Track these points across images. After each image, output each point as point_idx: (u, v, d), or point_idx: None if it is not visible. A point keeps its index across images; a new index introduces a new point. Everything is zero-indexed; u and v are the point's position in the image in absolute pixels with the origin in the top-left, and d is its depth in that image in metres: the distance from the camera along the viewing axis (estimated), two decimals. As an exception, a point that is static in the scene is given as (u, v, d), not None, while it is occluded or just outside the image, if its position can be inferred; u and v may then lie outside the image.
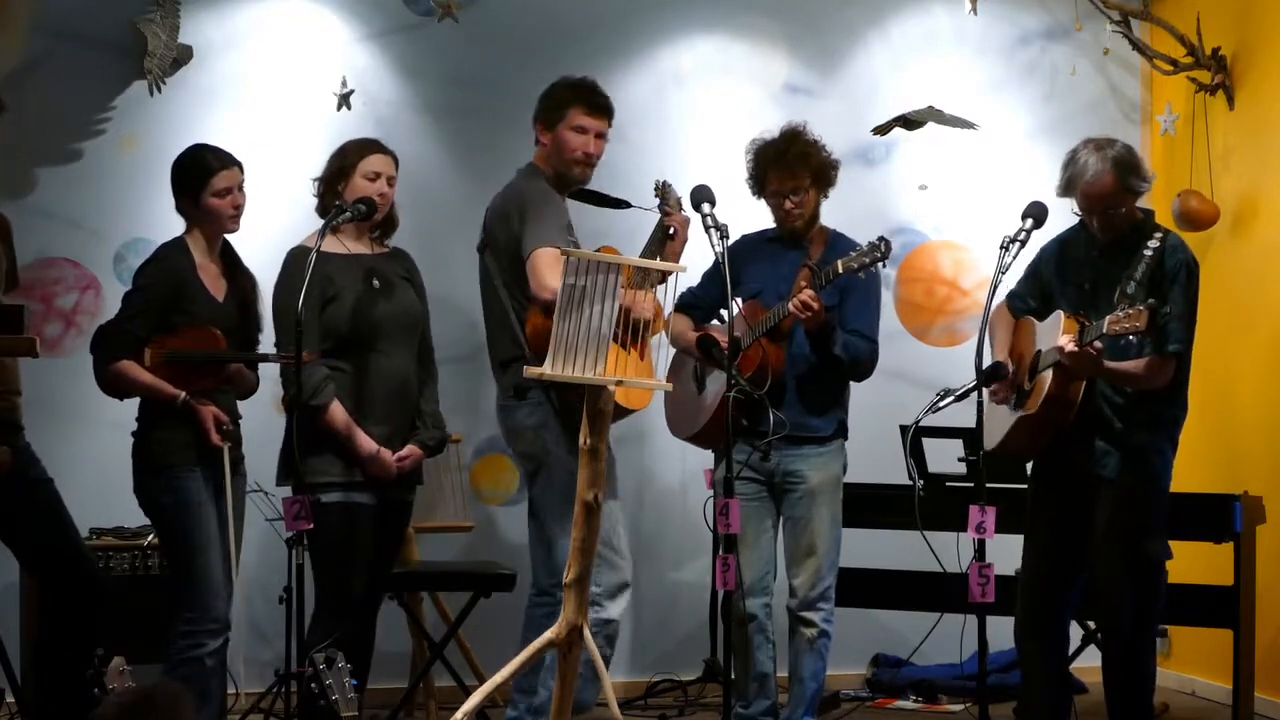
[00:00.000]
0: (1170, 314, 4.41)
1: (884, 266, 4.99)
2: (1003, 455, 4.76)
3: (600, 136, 4.98)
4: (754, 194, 5.25)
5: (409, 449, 4.85)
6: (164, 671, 4.60)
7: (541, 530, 4.88)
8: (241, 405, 4.90)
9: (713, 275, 5.13)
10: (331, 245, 4.78)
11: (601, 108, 4.99)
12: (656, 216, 5.05)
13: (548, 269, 4.57)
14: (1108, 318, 4.31)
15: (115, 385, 4.70)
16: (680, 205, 4.90)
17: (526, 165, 5.03)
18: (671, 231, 4.97)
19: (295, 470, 4.58)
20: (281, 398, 4.86)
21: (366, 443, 4.75)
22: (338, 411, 4.73)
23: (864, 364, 5.14)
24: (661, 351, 5.12)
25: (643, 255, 4.97)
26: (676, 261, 5.03)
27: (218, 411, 4.64)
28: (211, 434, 4.62)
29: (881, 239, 4.91)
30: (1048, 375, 4.54)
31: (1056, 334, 4.51)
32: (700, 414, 5.24)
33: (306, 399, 4.64)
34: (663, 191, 5.04)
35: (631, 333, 4.21)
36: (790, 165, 5.11)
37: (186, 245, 4.77)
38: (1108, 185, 4.55)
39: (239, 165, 4.77)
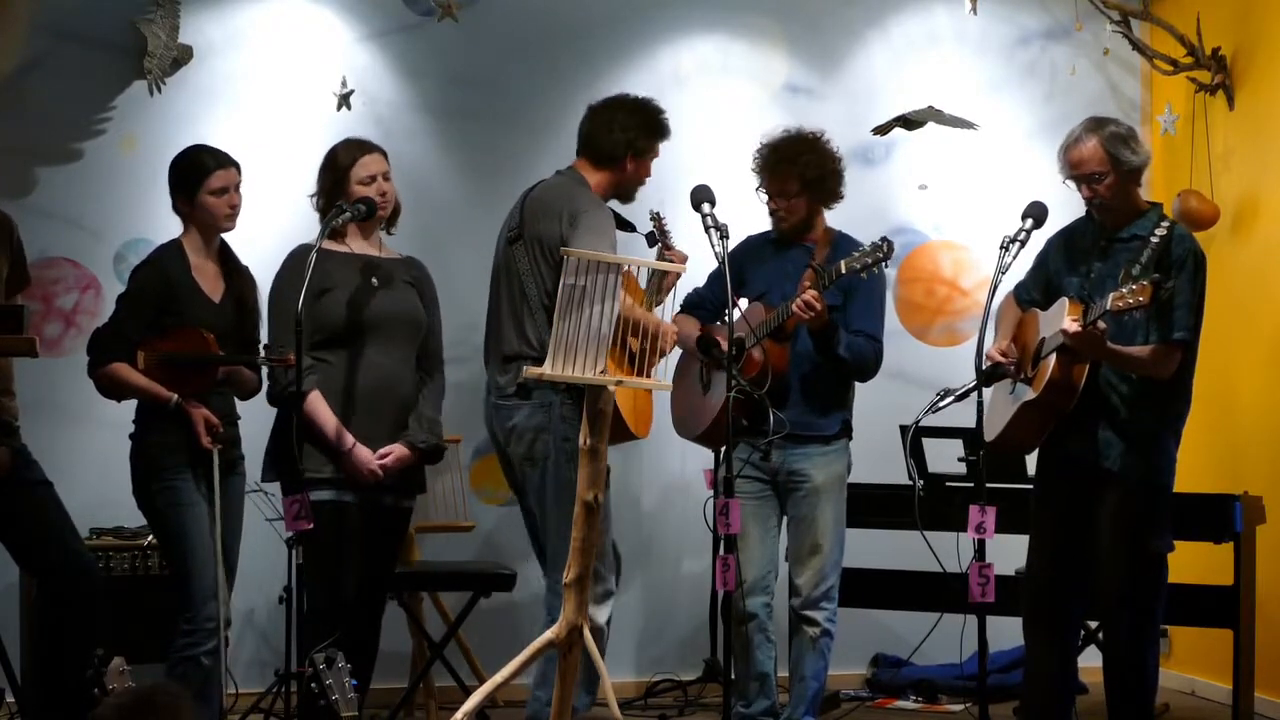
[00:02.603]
0: (1175, 294, 4.40)
1: (886, 267, 4.99)
2: (1004, 446, 4.76)
3: None
4: (757, 191, 5.26)
5: (393, 448, 4.78)
6: (165, 671, 4.61)
7: (544, 535, 4.79)
8: (240, 405, 4.90)
9: (718, 275, 5.13)
10: (335, 246, 4.78)
11: (668, 138, 5.03)
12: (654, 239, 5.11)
13: None
14: (1111, 295, 4.32)
15: (109, 388, 4.70)
16: (703, 224, 4.84)
17: (569, 169, 4.93)
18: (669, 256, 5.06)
19: (284, 468, 4.58)
20: (267, 390, 4.86)
21: (345, 437, 4.71)
22: (315, 402, 4.70)
23: (868, 364, 5.14)
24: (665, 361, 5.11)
25: (646, 290, 5.00)
26: (669, 295, 5.06)
27: (208, 414, 4.63)
28: (202, 436, 4.61)
29: (884, 239, 4.91)
30: (1050, 360, 4.55)
31: (1061, 320, 4.51)
32: (705, 414, 5.24)
33: (284, 386, 4.66)
34: (658, 222, 5.11)
35: (644, 355, 4.20)
36: (777, 171, 5.12)
37: (182, 247, 4.77)
38: (1090, 149, 4.57)
39: (236, 166, 4.77)
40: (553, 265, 4.67)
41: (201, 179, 4.71)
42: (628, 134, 4.88)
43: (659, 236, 5.26)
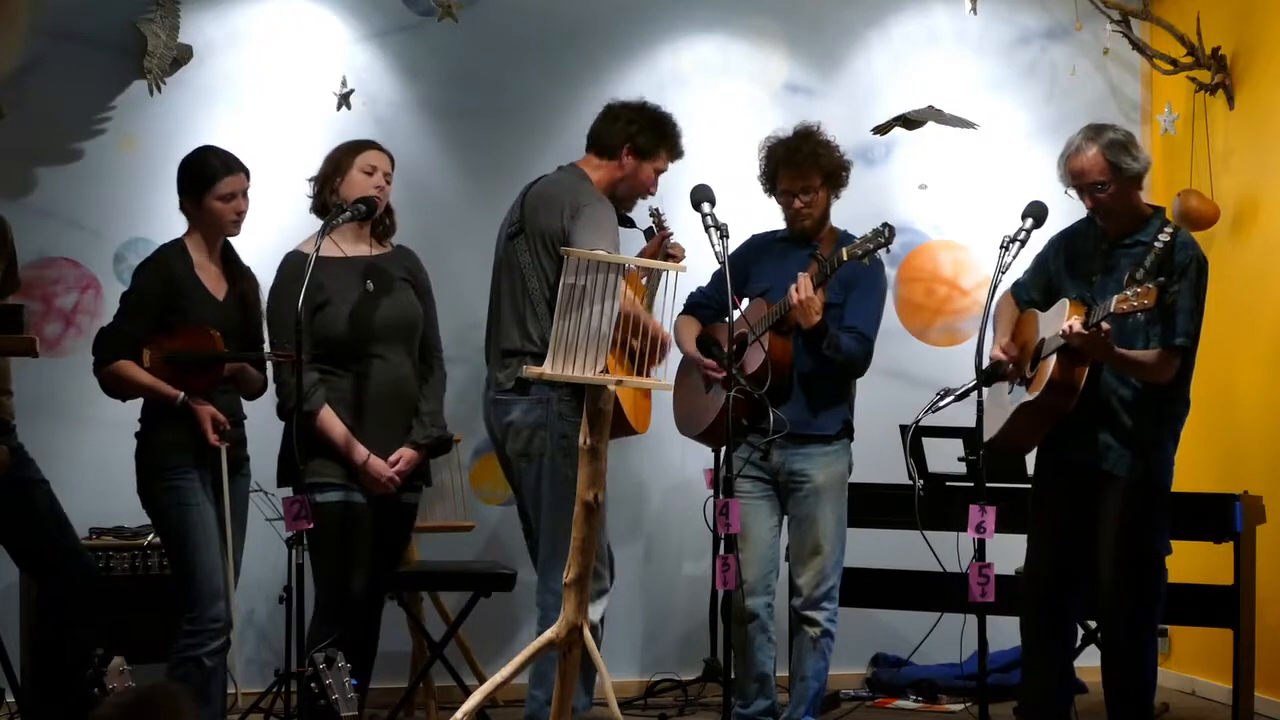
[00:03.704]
0: (1177, 299, 4.40)
1: (887, 252, 4.98)
2: (1003, 445, 4.76)
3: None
4: (765, 192, 5.25)
5: (400, 452, 4.79)
6: (166, 671, 4.61)
7: (537, 530, 4.80)
8: (245, 406, 4.90)
9: (721, 275, 5.13)
10: (328, 249, 4.74)
11: (680, 155, 5.02)
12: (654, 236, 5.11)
13: None
14: (1115, 297, 4.32)
15: (114, 386, 4.70)
16: (703, 224, 4.83)
17: (570, 166, 4.94)
18: (670, 252, 5.07)
19: (293, 470, 4.58)
20: (277, 406, 4.85)
21: (356, 449, 4.73)
22: (328, 417, 4.72)
23: (855, 362, 5.12)
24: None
25: (646, 287, 5.00)
26: (671, 297, 5.05)
27: (215, 412, 4.63)
28: (209, 434, 4.61)
29: (885, 225, 4.91)
30: (1051, 361, 4.55)
31: (1061, 322, 4.51)
32: (706, 413, 5.24)
33: (292, 405, 4.65)
34: (658, 218, 5.11)
35: (644, 356, 4.20)
36: (800, 165, 5.10)
37: (185, 246, 4.77)
38: (1091, 158, 4.57)
39: (245, 172, 4.76)
40: (554, 259, 4.67)
41: (210, 183, 4.70)
42: (630, 127, 4.89)
43: (657, 231, 5.26)
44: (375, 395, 4.79)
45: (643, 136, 4.89)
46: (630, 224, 5.04)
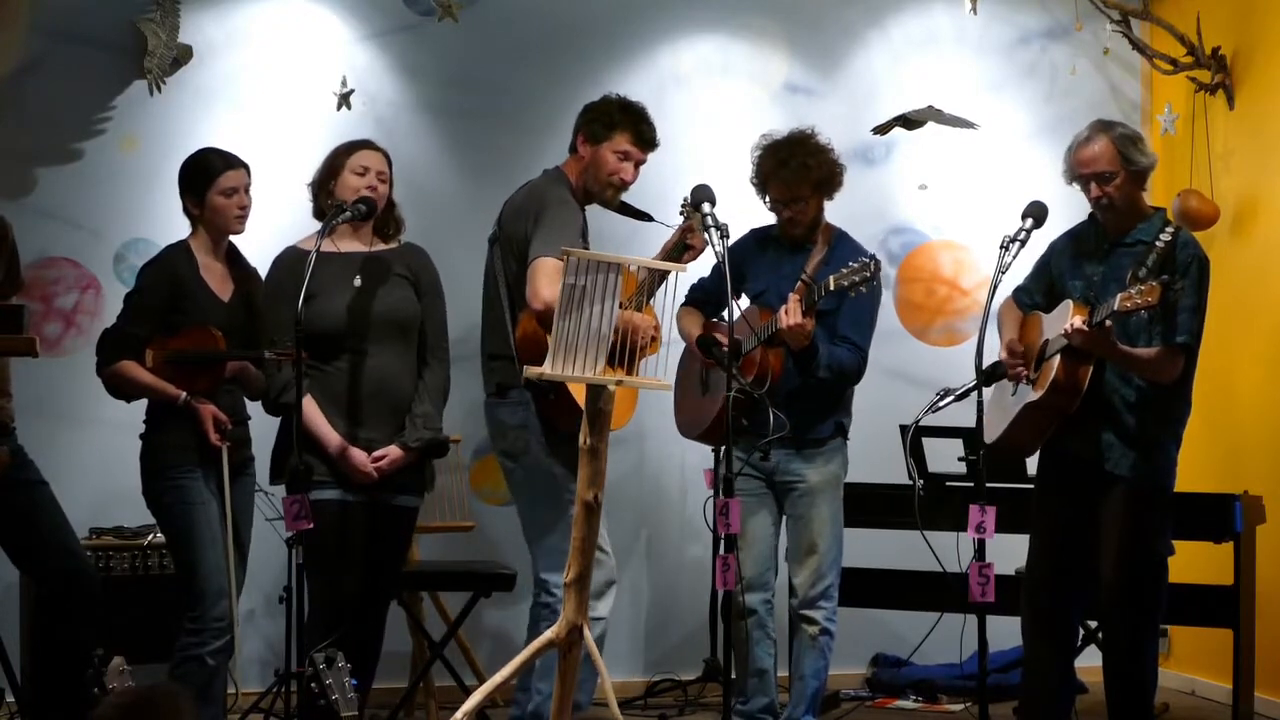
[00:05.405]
0: (1181, 302, 4.40)
1: (875, 283, 4.93)
2: (1006, 447, 4.76)
3: (638, 165, 4.92)
4: (757, 194, 5.24)
5: (387, 450, 4.75)
6: (168, 670, 4.61)
7: (526, 530, 4.85)
8: (249, 406, 4.90)
9: (720, 269, 5.12)
10: (325, 247, 4.73)
11: (650, 141, 4.92)
12: (666, 231, 5.08)
13: (546, 279, 4.50)
14: (1119, 294, 4.31)
15: (117, 387, 4.71)
16: (703, 224, 4.84)
17: (553, 169, 4.95)
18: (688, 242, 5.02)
19: (284, 469, 4.58)
20: (263, 399, 4.85)
21: (331, 438, 4.70)
22: (307, 407, 4.66)
23: (849, 375, 5.13)
24: (664, 352, 5.10)
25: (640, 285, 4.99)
26: (669, 295, 5.05)
27: (217, 411, 4.64)
28: (210, 434, 4.61)
29: (872, 257, 4.88)
30: (1054, 362, 4.55)
31: (1065, 323, 4.51)
32: (705, 414, 5.24)
33: (274, 397, 4.67)
34: (689, 210, 5.11)
35: (629, 355, 4.21)
36: (789, 178, 5.09)
37: (189, 247, 4.78)
38: (1101, 147, 4.59)
39: (246, 168, 4.78)
40: (519, 265, 4.73)
41: (211, 180, 4.72)
42: (583, 117, 4.92)
43: (683, 220, 5.22)
44: (363, 391, 4.76)
45: (589, 125, 4.89)
46: (645, 217, 5.03)
